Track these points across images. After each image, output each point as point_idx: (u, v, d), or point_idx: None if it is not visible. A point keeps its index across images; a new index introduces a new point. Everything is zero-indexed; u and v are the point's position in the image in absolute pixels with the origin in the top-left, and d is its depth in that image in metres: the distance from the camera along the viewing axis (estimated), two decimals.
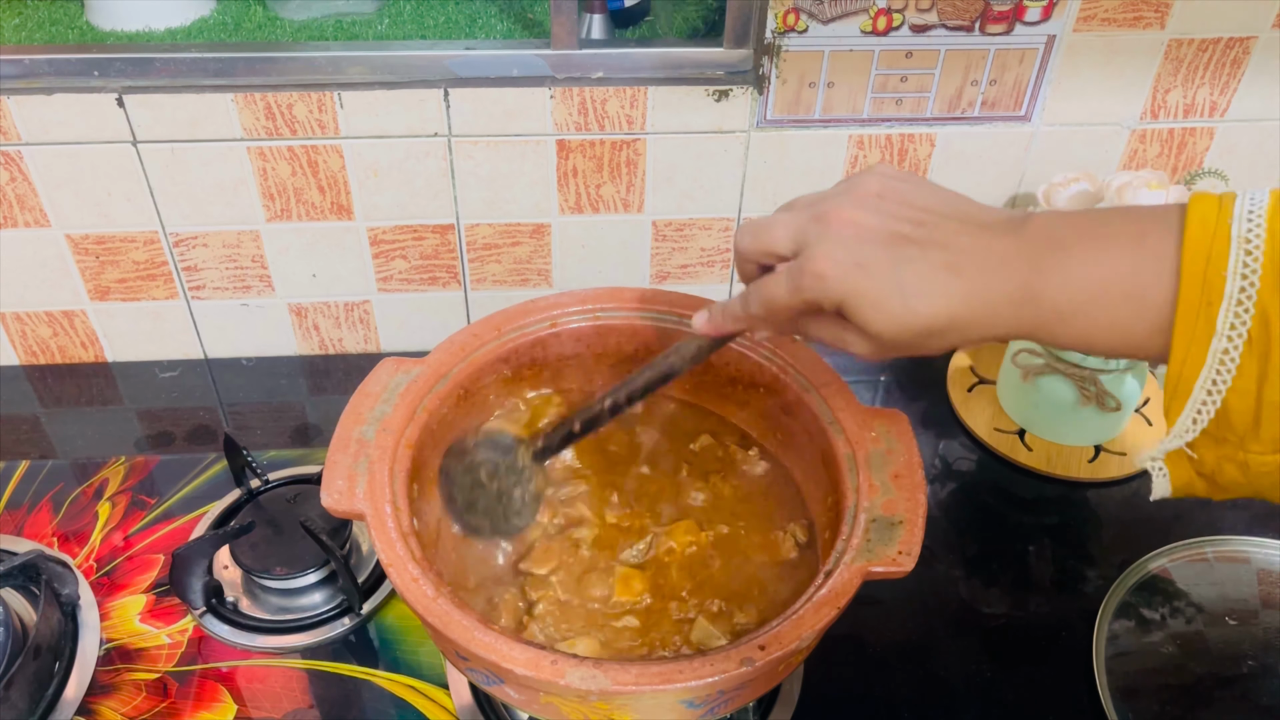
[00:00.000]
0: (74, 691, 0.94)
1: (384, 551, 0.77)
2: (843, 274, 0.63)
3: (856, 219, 0.64)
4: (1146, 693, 0.95)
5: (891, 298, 0.62)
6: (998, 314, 0.62)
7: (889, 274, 0.62)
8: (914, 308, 0.62)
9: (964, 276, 0.62)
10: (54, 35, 1.10)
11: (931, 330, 0.63)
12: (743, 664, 0.70)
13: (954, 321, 0.62)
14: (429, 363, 0.92)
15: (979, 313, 0.62)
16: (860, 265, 0.62)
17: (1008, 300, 0.61)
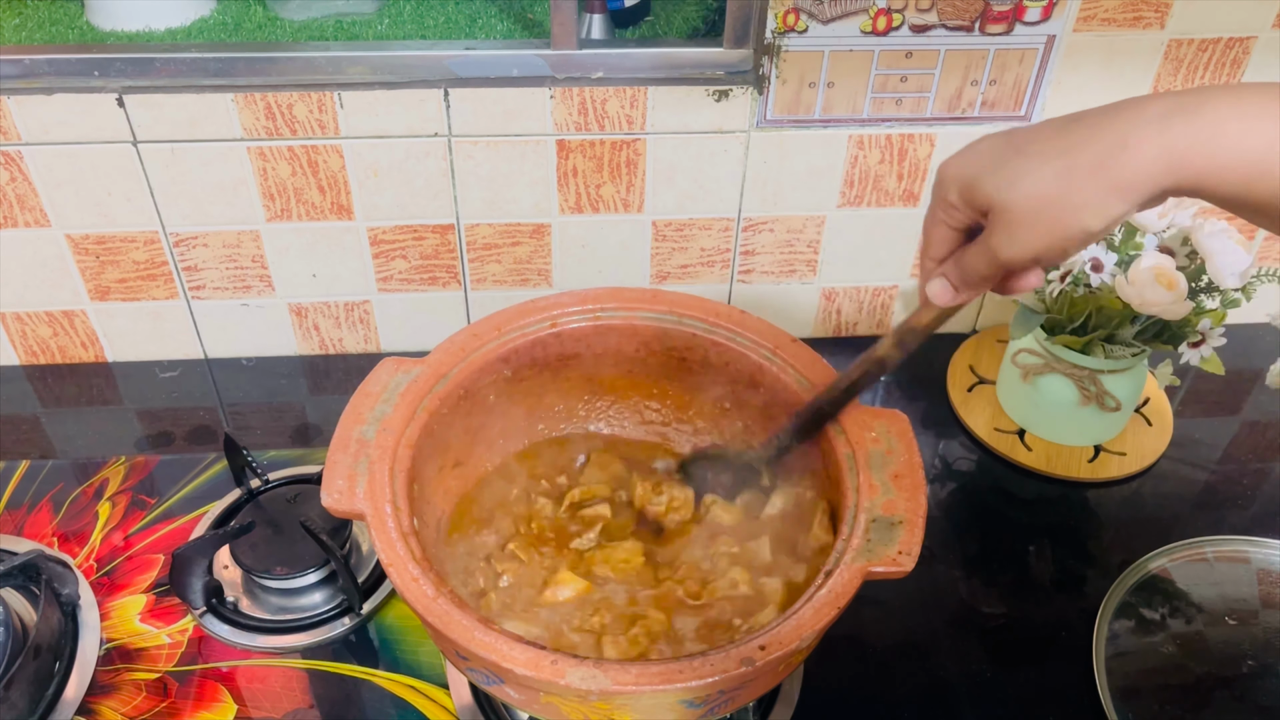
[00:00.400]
0: (74, 691, 0.94)
1: (384, 551, 0.77)
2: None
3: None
4: (1146, 693, 0.95)
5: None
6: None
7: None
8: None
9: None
10: (54, 35, 1.10)
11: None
12: (743, 664, 0.70)
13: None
14: (429, 363, 0.92)
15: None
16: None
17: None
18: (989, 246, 0.66)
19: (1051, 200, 0.62)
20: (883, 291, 1.30)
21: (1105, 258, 1.02)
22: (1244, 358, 1.32)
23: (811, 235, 1.23)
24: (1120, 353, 1.06)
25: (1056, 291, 1.05)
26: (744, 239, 1.23)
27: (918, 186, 1.19)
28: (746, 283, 1.28)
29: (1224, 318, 1.03)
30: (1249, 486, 1.15)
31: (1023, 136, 0.64)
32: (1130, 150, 0.59)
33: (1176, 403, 1.26)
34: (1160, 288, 0.98)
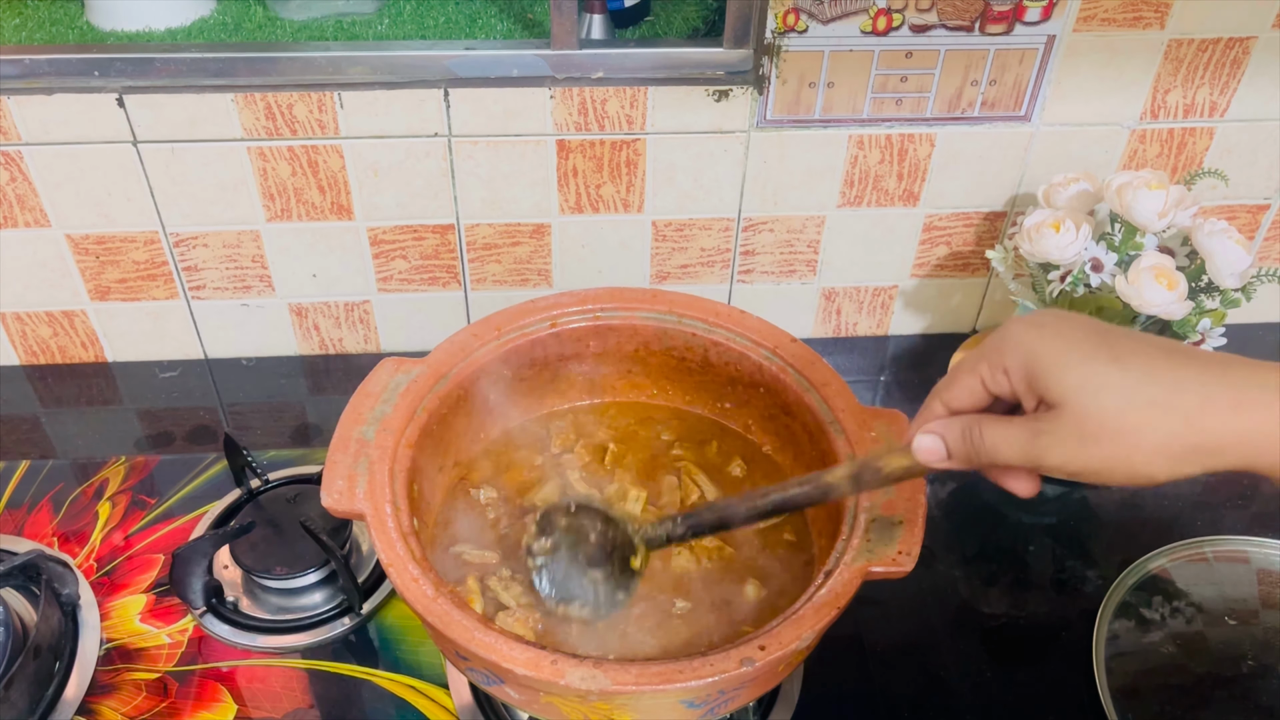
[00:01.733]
0: (74, 691, 0.94)
1: (384, 551, 0.77)
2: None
3: None
4: (1146, 693, 0.95)
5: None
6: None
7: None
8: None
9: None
10: (54, 35, 1.10)
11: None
12: (743, 664, 0.70)
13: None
14: (429, 363, 0.92)
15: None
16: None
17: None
18: (1034, 443, 0.59)
19: (1138, 429, 0.56)
20: (883, 291, 1.30)
21: (1105, 258, 1.02)
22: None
23: (811, 235, 1.23)
24: None
25: (1056, 291, 1.05)
26: (744, 239, 1.23)
27: (918, 186, 1.19)
28: (746, 283, 1.28)
29: (1224, 318, 1.03)
30: (1249, 486, 1.15)
31: (1121, 344, 0.58)
32: (1239, 412, 0.55)
33: None
34: (1160, 288, 0.98)
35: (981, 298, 1.33)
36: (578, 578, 0.84)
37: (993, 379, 0.63)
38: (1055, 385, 0.58)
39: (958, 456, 0.65)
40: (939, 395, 0.67)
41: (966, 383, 0.64)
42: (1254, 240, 1.30)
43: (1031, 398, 0.61)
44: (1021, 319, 0.62)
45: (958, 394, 0.65)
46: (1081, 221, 1.04)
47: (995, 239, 1.25)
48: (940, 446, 0.66)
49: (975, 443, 0.63)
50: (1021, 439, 0.60)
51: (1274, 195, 1.25)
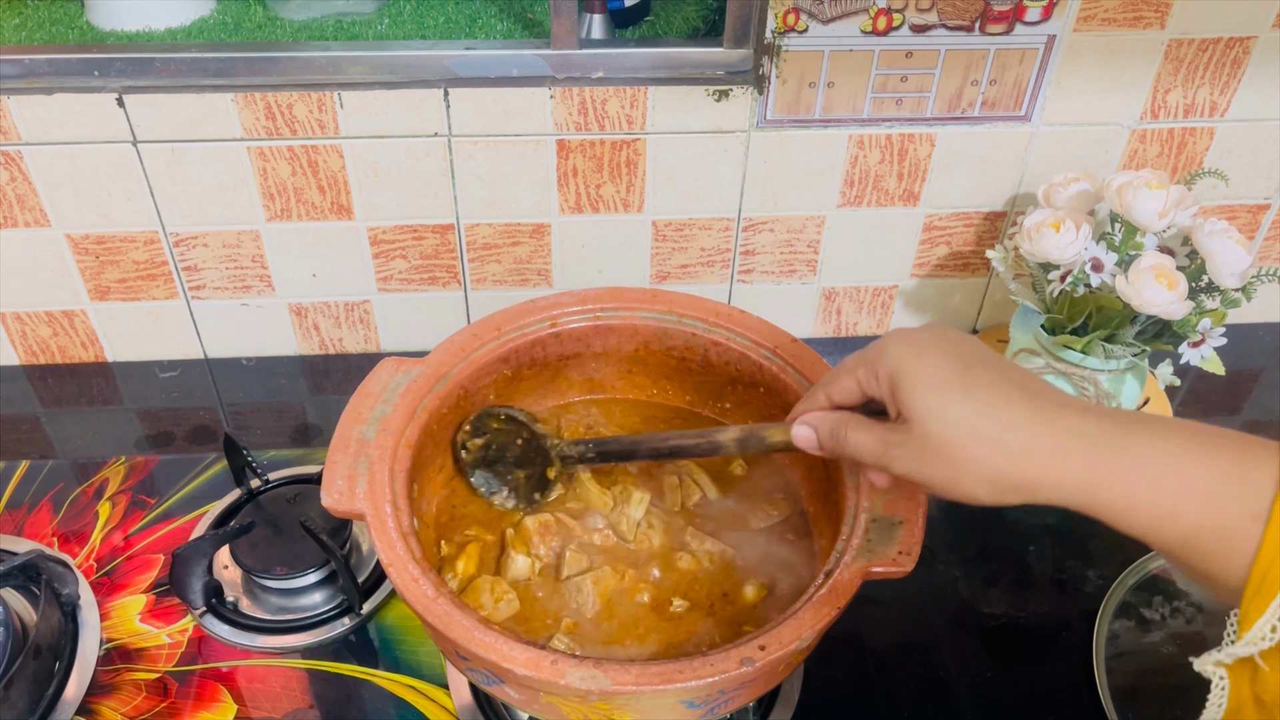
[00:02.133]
0: (74, 691, 0.94)
1: (384, 551, 0.77)
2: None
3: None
4: (1146, 693, 0.95)
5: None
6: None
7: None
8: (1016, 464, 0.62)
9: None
10: (54, 35, 1.10)
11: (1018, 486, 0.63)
12: (742, 664, 0.70)
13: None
14: (429, 363, 0.92)
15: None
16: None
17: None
18: (886, 452, 0.67)
19: (969, 458, 0.62)
20: (883, 291, 1.30)
21: (1105, 257, 1.02)
22: (1244, 358, 1.32)
23: (811, 235, 1.23)
24: (1120, 353, 1.06)
25: (1057, 291, 1.05)
26: (744, 239, 1.23)
27: (918, 186, 1.19)
28: (746, 283, 1.28)
29: (1224, 318, 1.03)
30: None
31: (976, 375, 0.64)
32: (1054, 460, 0.61)
33: (1177, 403, 1.26)
34: (1160, 287, 0.98)
35: (981, 298, 1.33)
36: (502, 475, 0.96)
37: (866, 382, 0.70)
38: (908, 404, 0.65)
39: (826, 448, 0.74)
40: (824, 387, 0.74)
41: (845, 382, 0.72)
42: (1254, 240, 1.30)
43: (894, 407, 0.67)
44: (903, 332, 0.69)
45: (837, 390, 0.73)
46: (1081, 221, 1.04)
47: (995, 239, 1.25)
48: (813, 436, 0.74)
49: (840, 440, 0.71)
50: (876, 445, 0.68)
51: (1274, 195, 1.25)
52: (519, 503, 0.95)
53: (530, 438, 0.95)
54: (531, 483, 0.95)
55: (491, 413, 0.96)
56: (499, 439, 0.95)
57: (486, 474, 0.96)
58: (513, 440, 0.95)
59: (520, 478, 0.95)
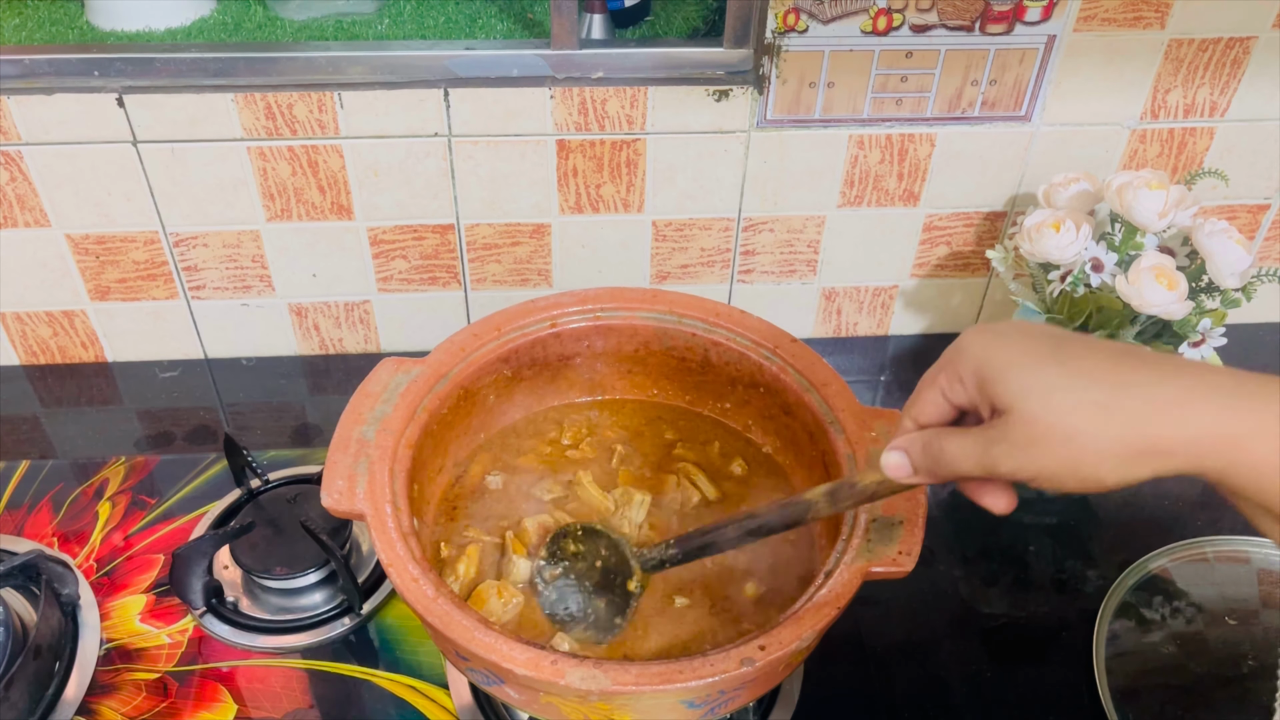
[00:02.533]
0: (74, 691, 0.94)
1: (384, 552, 0.77)
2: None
3: None
4: (1146, 693, 0.95)
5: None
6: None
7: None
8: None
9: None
10: (54, 35, 1.10)
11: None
12: (743, 664, 0.70)
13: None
14: (429, 363, 0.92)
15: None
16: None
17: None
18: (988, 452, 0.59)
19: (1082, 432, 0.55)
20: (883, 291, 1.30)
21: (1105, 258, 1.02)
22: (1244, 358, 1.32)
23: (811, 235, 1.23)
24: None
25: (1057, 292, 1.05)
26: (744, 239, 1.23)
27: (918, 186, 1.19)
28: (747, 283, 1.28)
29: (1224, 318, 1.03)
30: None
31: (1070, 348, 0.58)
32: (1185, 411, 0.54)
33: None
34: (1160, 288, 0.98)
35: (982, 298, 1.33)
36: (581, 604, 0.87)
37: (950, 389, 0.63)
38: (1003, 391, 0.58)
39: (922, 470, 0.65)
40: (908, 412, 0.67)
41: (928, 396, 0.65)
42: (1254, 240, 1.30)
43: (986, 405, 0.61)
44: (977, 328, 0.63)
45: (923, 408, 0.66)
46: (1082, 221, 1.04)
47: (995, 239, 1.25)
48: (905, 462, 0.66)
49: (935, 456, 0.64)
50: (976, 449, 0.60)
51: (1274, 195, 1.25)
52: (600, 636, 0.85)
53: (609, 551, 0.87)
54: (613, 608, 0.86)
55: (568, 531, 0.89)
56: (577, 565, 0.88)
57: (564, 611, 0.87)
58: (592, 563, 0.88)
59: (600, 606, 0.86)
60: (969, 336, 0.62)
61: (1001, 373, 0.59)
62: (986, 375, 0.60)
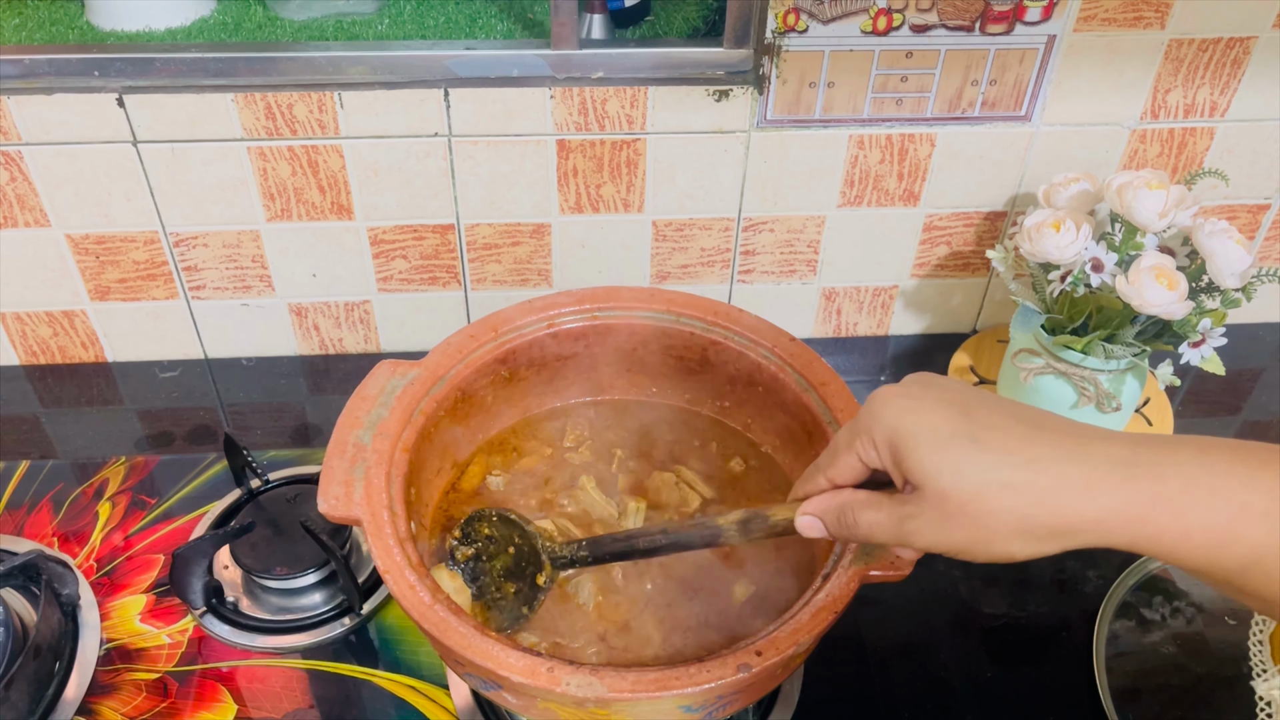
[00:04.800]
0: (74, 691, 0.94)
1: (381, 558, 0.77)
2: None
3: None
4: (1146, 693, 0.95)
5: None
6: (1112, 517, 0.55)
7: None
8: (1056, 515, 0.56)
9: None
10: (54, 35, 1.10)
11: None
12: (740, 670, 0.70)
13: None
14: (426, 365, 0.92)
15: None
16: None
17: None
18: (901, 527, 0.61)
19: (992, 511, 0.56)
20: (883, 291, 1.30)
21: (1105, 258, 1.02)
22: (1244, 358, 1.32)
23: (811, 235, 1.23)
24: (1120, 353, 1.06)
25: (1057, 292, 1.05)
26: (744, 239, 1.23)
27: (918, 187, 1.19)
28: (746, 283, 1.28)
29: (1224, 318, 1.03)
30: None
31: (981, 418, 0.59)
32: (1091, 491, 0.55)
33: (1177, 403, 1.26)
34: (1161, 287, 0.98)
35: (982, 298, 1.32)
36: (492, 586, 0.88)
37: (865, 454, 0.64)
38: (915, 467, 0.59)
39: (836, 535, 0.67)
40: (822, 471, 0.68)
41: (845, 460, 0.66)
42: (1254, 240, 1.30)
43: (898, 474, 0.62)
44: (889, 391, 0.63)
45: (839, 471, 0.66)
46: (1082, 221, 1.04)
47: (995, 239, 1.25)
48: (820, 526, 0.68)
49: (850, 525, 0.65)
50: (890, 523, 0.62)
51: (1274, 195, 1.24)
52: (505, 622, 0.86)
53: (523, 541, 0.85)
54: (520, 598, 0.85)
55: (483, 515, 0.88)
56: (489, 548, 0.88)
57: (474, 590, 0.89)
58: (503, 548, 0.87)
59: (510, 593, 0.86)
60: (882, 402, 0.62)
61: (913, 449, 0.59)
62: (899, 448, 0.60)
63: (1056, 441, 0.57)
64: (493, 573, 0.88)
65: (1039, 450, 0.57)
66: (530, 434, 1.02)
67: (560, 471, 0.99)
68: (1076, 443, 0.57)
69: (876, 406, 0.63)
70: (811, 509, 0.68)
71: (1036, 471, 0.56)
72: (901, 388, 0.63)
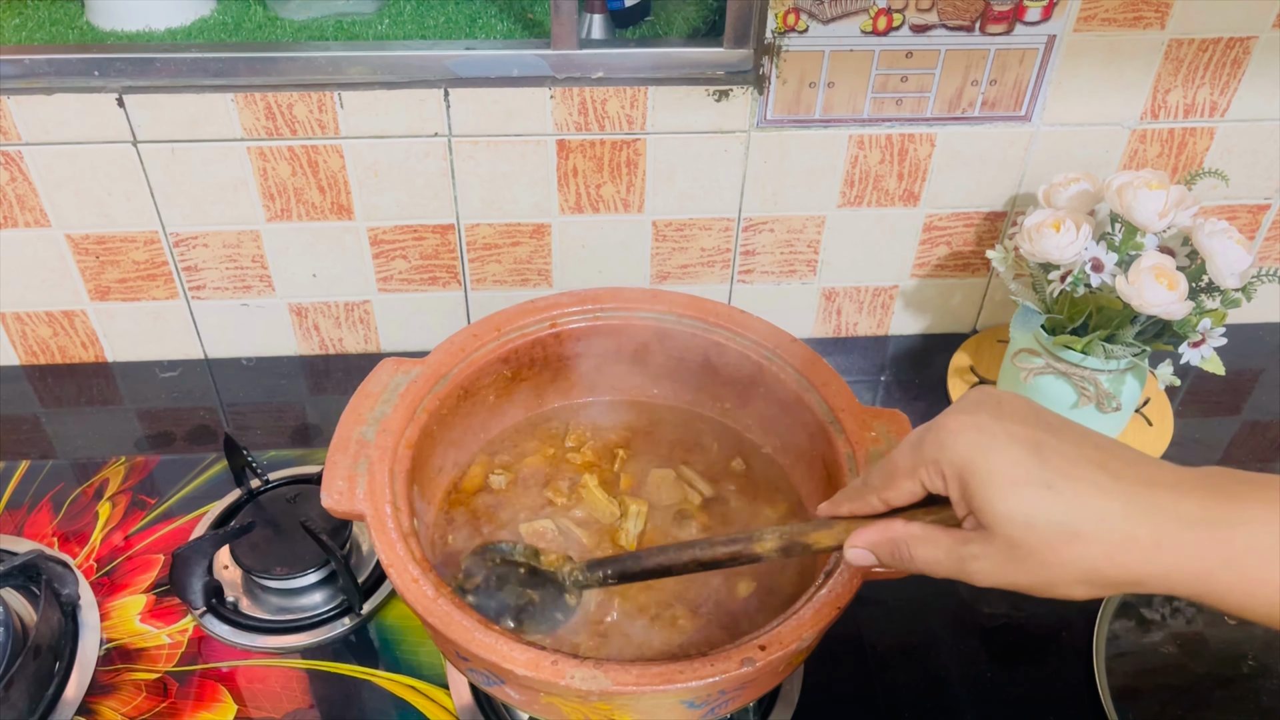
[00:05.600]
0: (74, 691, 0.94)
1: (384, 552, 0.77)
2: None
3: None
4: (1146, 693, 0.95)
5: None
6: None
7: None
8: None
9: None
10: (54, 35, 1.10)
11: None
12: (743, 664, 0.70)
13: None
14: (429, 363, 0.92)
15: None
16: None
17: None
18: (963, 564, 0.61)
19: (1062, 560, 0.57)
20: (883, 291, 1.30)
21: (1105, 258, 1.02)
22: (1244, 358, 1.32)
23: (812, 235, 1.23)
24: (1120, 353, 1.06)
25: (1057, 292, 1.05)
26: (744, 239, 1.23)
27: (918, 187, 1.19)
28: (747, 283, 1.28)
29: (1225, 318, 1.03)
30: None
31: (1054, 467, 0.58)
32: (1160, 552, 0.56)
33: (1177, 403, 1.26)
34: (1161, 287, 0.98)
35: (982, 298, 1.33)
36: (511, 603, 0.83)
37: (932, 483, 0.63)
38: (988, 510, 0.59)
39: (888, 566, 0.66)
40: (875, 491, 0.66)
41: (906, 485, 0.65)
42: (1254, 240, 1.30)
43: (964, 507, 0.61)
44: (960, 420, 0.62)
45: (897, 494, 0.65)
46: (1082, 221, 1.04)
47: (995, 239, 1.25)
48: (871, 559, 0.67)
49: (904, 560, 0.65)
50: (950, 561, 0.62)
51: (1274, 195, 1.25)
52: (539, 625, 0.82)
53: (533, 572, 0.82)
54: (548, 603, 0.82)
55: (486, 551, 0.83)
56: (499, 570, 0.83)
57: (494, 605, 0.83)
58: (515, 569, 0.82)
59: (534, 599, 0.82)
60: (952, 434, 0.61)
61: (986, 489, 0.59)
62: (970, 486, 0.60)
63: (1129, 495, 0.57)
64: (511, 582, 0.83)
65: (1109, 502, 0.57)
66: (532, 433, 1.02)
67: (562, 471, 0.99)
68: (1145, 490, 0.57)
69: (946, 437, 0.61)
70: (862, 543, 0.66)
71: (1105, 526, 0.56)
72: (970, 416, 0.62)
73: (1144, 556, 0.56)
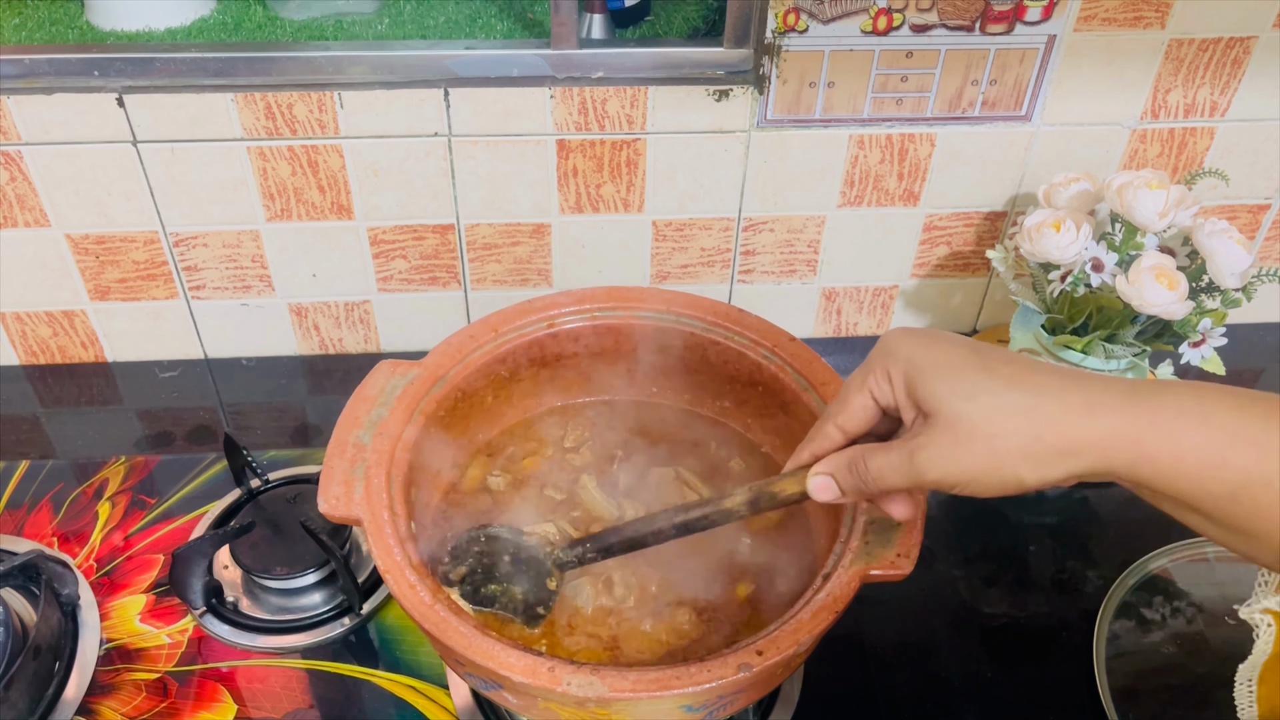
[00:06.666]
0: (74, 691, 0.94)
1: (381, 558, 0.77)
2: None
3: None
4: (1146, 693, 0.95)
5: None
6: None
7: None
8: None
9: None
10: (54, 35, 1.10)
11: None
12: (740, 670, 0.70)
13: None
14: (426, 365, 0.92)
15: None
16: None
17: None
18: (913, 461, 0.62)
19: (1005, 431, 0.60)
20: (883, 291, 1.30)
21: (1106, 257, 1.02)
22: (1244, 358, 1.32)
23: (811, 235, 1.23)
24: (1121, 353, 1.06)
25: (1057, 292, 1.05)
26: (744, 239, 1.23)
27: (918, 186, 1.19)
28: (747, 283, 1.28)
29: (1225, 318, 1.03)
30: None
31: (991, 356, 0.62)
32: (1093, 415, 0.59)
33: None
34: (1161, 287, 0.98)
35: (982, 298, 1.32)
36: (497, 594, 0.85)
37: (879, 389, 0.66)
38: (931, 392, 0.62)
39: (849, 491, 0.68)
40: (833, 419, 0.69)
41: (858, 401, 0.67)
42: (1254, 240, 1.30)
43: (910, 407, 0.64)
44: (901, 330, 0.66)
45: (852, 414, 0.68)
46: (1082, 221, 1.04)
47: (995, 239, 1.25)
48: (832, 485, 0.69)
49: (862, 474, 0.66)
50: (902, 461, 0.63)
51: (1274, 195, 1.24)
52: (518, 618, 0.85)
53: (518, 551, 0.86)
54: (531, 597, 0.84)
55: (472, 536, 0.87)
56: (484, 561, 0.86)
57: (476, 598, 0.85)
58: (500, 558, 0.86)
59: (516, 596, 0.85)
60: (897, 338, 0.66)
61: (928, 377, 0.62)
62: (913, 378, 0.63)
63: (1061, 374, 0.61)
64: (493, 582, 0.86)
65: (1045, 380, 0.61)
66: (531, 434, 1.02)
67: (561, 472, 0.99)
68: (1079, 378, 0.61)
69: (890, 343, 0.66)
70: (822, 468, 0.69)
71: (1043, 397, 0.60)
72: (911, 328, 0.67)
73: (1079, 420, 0.59)
